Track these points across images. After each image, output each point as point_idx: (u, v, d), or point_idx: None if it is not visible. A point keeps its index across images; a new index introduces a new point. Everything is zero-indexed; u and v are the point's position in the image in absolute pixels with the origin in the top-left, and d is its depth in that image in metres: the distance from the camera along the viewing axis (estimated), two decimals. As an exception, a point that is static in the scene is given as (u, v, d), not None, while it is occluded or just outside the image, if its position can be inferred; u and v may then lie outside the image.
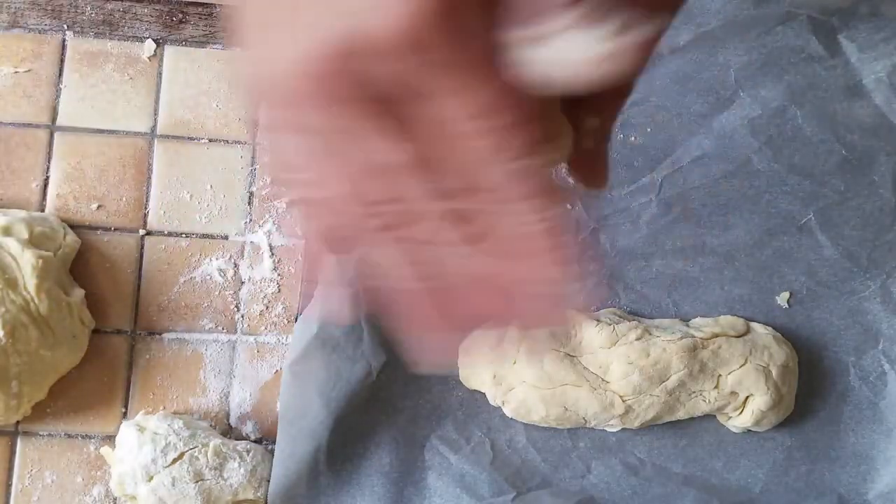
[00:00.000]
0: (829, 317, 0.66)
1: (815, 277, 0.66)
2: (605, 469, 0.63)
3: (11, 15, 0.68)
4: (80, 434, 0.63)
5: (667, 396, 0.61)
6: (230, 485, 0.60)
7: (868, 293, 0.66)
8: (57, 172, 0.66)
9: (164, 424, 0.61)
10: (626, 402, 0.61)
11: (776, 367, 0.62)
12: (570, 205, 0.63)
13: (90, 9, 0.68)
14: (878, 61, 0.66)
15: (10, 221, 0.61)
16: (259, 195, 0.67)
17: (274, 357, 0.66)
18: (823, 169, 0.67)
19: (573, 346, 0.61)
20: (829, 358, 0.66)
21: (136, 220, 0.66)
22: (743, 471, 0.64)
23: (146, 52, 0.68)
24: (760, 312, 0.65)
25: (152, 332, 0.65)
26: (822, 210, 0.67)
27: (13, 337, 0.58)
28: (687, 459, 0.64)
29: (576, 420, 0.62)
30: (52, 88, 0.67)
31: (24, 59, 0.67)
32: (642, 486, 0.63)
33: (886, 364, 0.66)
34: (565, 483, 0.62)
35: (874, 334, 0.66)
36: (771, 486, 0.64)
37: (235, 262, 0.66)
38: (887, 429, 0.65)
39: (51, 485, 0.62)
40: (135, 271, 0.65)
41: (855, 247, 0.67)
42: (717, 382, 0.61)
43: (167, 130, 0.67)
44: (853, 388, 0.66)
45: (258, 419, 0.65)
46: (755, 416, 0.62)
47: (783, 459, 0.64)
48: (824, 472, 0.64)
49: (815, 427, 0.65)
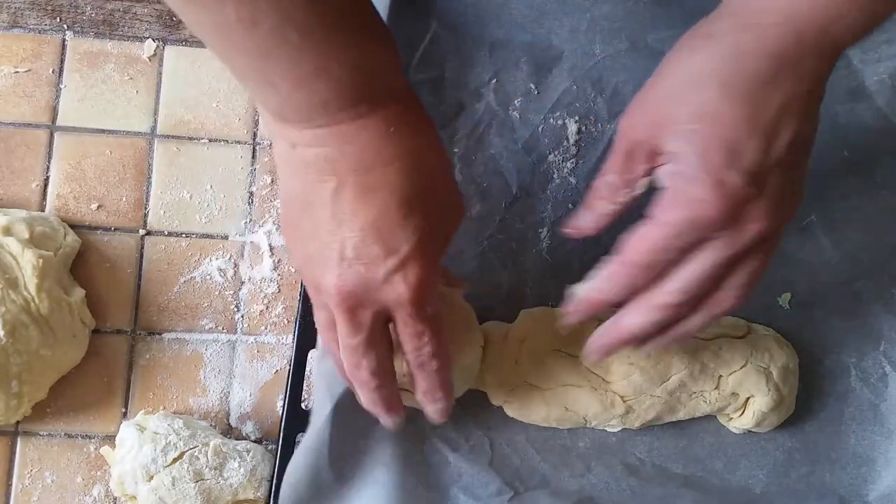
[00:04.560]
0: (830, 318, 0.66)
1: (816, 279, 0.66)
2: (604, 469, 0.63)
3: (11, 15, 0.68)
4: (80, 434, 0.63)
5: (667, 397, 0.61)
6: (230, 484, 0.60)
7: (870, 295, 0.66)
8: (57, 172, 0.66)
9: (164, 424, 0.61)
10: (627, 403, 0.61)
11: (777, 368, 0.62)
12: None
13: (90, 9, 0.68)
14: (881, 63, 0.66)
15: (10, 221, 0.61)
16: (259, 195, 0.67)
17: (274, 357, 0.66)
18: (826, 170, 0.66)
19: (575, 345, 0.61)
20: (830, 359, 0.66)
21: (136, 220, 0.66)
22: (743, 472, 0.64)
23: (146, 52, 0.68)
24: (761, 313, 0.65)
25: (152, 332, 0.65)
26: (823, 211, 0.66)
27: (13, 337, 0.58)
28: (687, 460, 0.64)
29: (576, 420, 0.62)
30: (51, 88, 0.67)
31: (24, 59, 0.67)
32: (642, 487, 0.63)
33: (887, 365, 0.65)
34: (564, 482, 0.62)
35: (875, 336, 0.66)
36: (771, 487, 0.64)
37: (235, 262, 0.66)
38: (888, 430, 0.65)
39: (51, 485, 0.62)
40: (135, 271, 0.66)
41: (856, 248, 0.66)
42: (717, 383, 0.61)
43: (167, 130, 0.68)
44: (854, 390, 0.65)
45: (258, 419, 0.65)
46: (756, 418, 0.61)
47: (784, 460, 0.64)
48: (825, 473, 0.64)
49: (815, 428, 0.65)
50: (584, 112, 0.67)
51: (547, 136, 0.66)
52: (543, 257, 0.65)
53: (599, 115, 0.67)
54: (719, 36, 0.48)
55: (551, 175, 0.66)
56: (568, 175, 0.66)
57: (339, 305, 0.48)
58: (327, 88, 0.44)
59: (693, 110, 0.47)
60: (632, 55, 0.67)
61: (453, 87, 0.66)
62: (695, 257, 0.48)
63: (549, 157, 0.66)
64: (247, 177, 0.68)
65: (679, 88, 0.48)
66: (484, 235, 0.64)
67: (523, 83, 0.66)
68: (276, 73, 0.43)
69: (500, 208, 0.65)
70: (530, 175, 0.66)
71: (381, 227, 0.46)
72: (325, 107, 0.45)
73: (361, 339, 0.49)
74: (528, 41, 0.66)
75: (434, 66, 0.66)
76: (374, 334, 0.50)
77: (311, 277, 0.50)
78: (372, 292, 0.48)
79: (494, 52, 0.66)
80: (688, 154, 0.47)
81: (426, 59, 0.65)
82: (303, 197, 0.48)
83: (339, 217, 0.47)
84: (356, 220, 0.46)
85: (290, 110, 0.45)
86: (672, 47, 0.50)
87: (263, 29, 0.41)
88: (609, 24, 0.66)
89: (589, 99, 0.67)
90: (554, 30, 0.66)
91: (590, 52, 0.67)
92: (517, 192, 0.65)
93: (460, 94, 0.66)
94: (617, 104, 0.67)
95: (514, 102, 0.66)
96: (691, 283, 0.49)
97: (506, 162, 0.66)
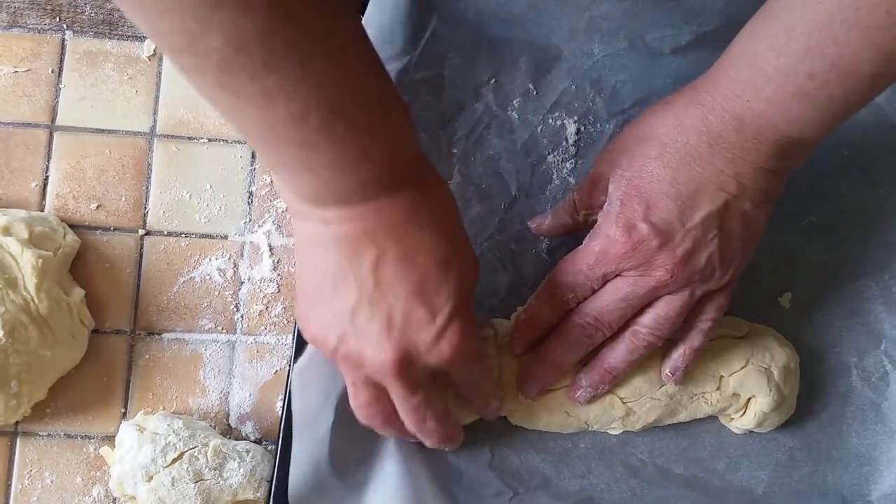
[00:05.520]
0: (830, 317, 0.66)
1: (816, 278, 0.66)
2: (605, 470, 0.63)
3: (11, 15, 0.68)
4: (79, 434, 0.63)
5: (668, 400, 0.61)
6: (230, 485, 0.60)
7: (870, 294, 0.66)
8: (56, 172, 0.66)
9: (163, 424, 0.60)
10: (627, 405, 0.61)
11: (778, 368, 0.61)
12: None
13: (90, 8, 0.68)
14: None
15: (9, 221, 0.61)
16: (259, 195, 0.67)
17: (273, 357, 0.66)
18: (825, 170, 0.66)
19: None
20: (831, 359, 0.66)
21: (135, 220, 0.66)
22: (745, 472, 0.64)
23: (146, 51, 0.68)
24: (762, 313, 0.65)
25: (152, 332, 0.65)
26: (823, 211, 0.66)
27: (13, 337, 0.58)
28: (688, 461, 0.64)
29: (578, 425, 0.61)
30: (51, 88, 0.67)
31: (24, 58, 0.67)
32: (643, 488, 0.63)
33: (889, 365, 0.65)
34: (565, 483, 0.62)
35: (876, 335, 0.66)
36: (773, 487, 0.64)
37: (235, 262, 0.66)
38: (890, 430, 0.65)
39: (50, 485, 0.62)
40: (134, 271, 0.65)
41: (857, 247, 0.66)
42: (718, 384, 0.61)
43: (167, 130, 0.67)
44: (855, 389, 0.65)
45: (258, 419, 0.64)
46: (757, 418, 0.61)
47: (785, 460, 0.64)
48: (827, 473, 0.64)
49: (817, 428, 0.65)
50: (582, 112, 0.67)
51: (546, 136, 0.66)
52: (543, 258, 0.65)
53: (598, 116, 0.67)
54: (674, 104, 0.55)
55: (550, 176, 0.66)
56: (567, 175, 0.66)
57: (393, 374, 0.50)
58: (369, 172, 0.46)
59: (631, 162, 0.55)
60: (631, 55, 0.67)
61: (452, 87, 0.66)
62: (606, 289, 0.56)
63: (549, 157, 0.66)
64: (246, 177, 0.68)
65: (632, 140, 0.56)
66: (483, 236, 0.64)
67: (522, 83, 0.66)
68: (318, 161, 0.45)
69: (500, 209, 0.65)
70: (529, 176, 0.66)
71: (426, 288, 0.49)
72: (365, 188, 0.47)
73: (421, 397, 0.52)
74: (528, 40, 0.66)
75: (433, 64, 0.65)
76: (429, 388, 0.52)
77: (351, 354, 0.50)
78: (422, 355, 0.50)
79: (494, 51, 0.66)
80: (615, 197, 0.55)
81: (425, 58, 0.65)
82: (336, 275, 0.49)
83: (384, 285, 0.48)
84: (402, 285, 0.49)
85: (328, 193, 0.47)
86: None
87: (312, 123, 0.42)
88: (608, 23, 0.66)
89: (588, 99, 0.67)
90: (553, 29, 0.66)
91: (588, 52, 0.67)
92: (516, 193, 0.65)
93: (459, 94, 0.66)
94: (616, 104, 0.67)
95: (512, 103, 0.66)
96: (602, 308, 0.56)
97: (505, 163, 0.66)
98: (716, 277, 0.56)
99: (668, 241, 0.54)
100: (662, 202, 0.54)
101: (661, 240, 0.54)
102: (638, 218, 0.54)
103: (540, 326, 0.59)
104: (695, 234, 0.54)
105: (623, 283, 0.56)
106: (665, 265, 0.54)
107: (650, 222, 0.54)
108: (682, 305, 0.56)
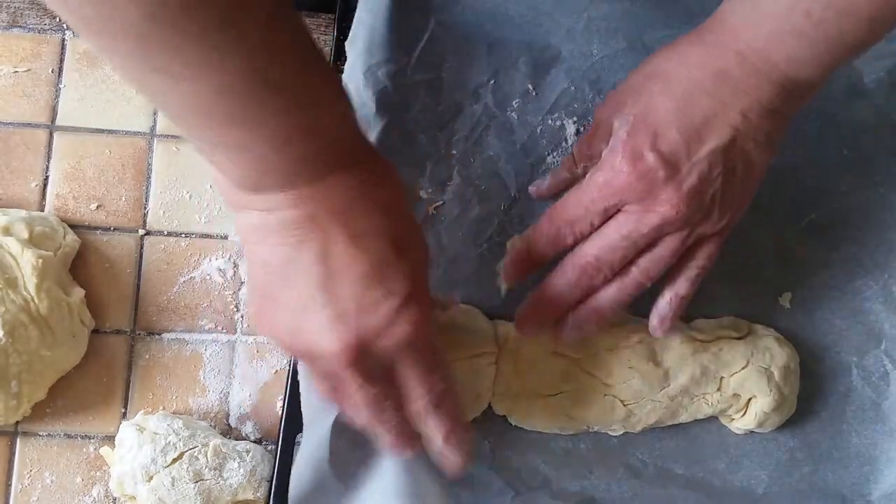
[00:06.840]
0: (831, 317, 0.66)
1: (816, 277, 0.66)
2: (606, 470, 0.63)
3: (11, 14, 0.68)
4: (79, 434, 0.63)
5: (668, 401, 0.61)
6: (230, 485, 0.60)
7: (870, 293, 0.66)
8: (56, 172, 0.66)
9: (163, 424, 0.60)
10: (628, 407, 0.61)
11: (778, 368, 0.61)
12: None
13: (90, 9, 0.68)
14: (880, 61, 0.66)
15: (9, 221, 0.61)
16: (259, 195, 0.67)
17: (273, 357, 0.65)
18: (825, 169, 0.67)
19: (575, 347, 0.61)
20: (832, 359, 0.66)
21: (135, 219, 0.66)
22: (746, 472, 0.64)
23: (146, 52, 0.68)
24: (762, 313, 0.65)
25: (152, 333, 0.65)
26: (823, 210, 0.66)
27: (13, 337, 0.58)
28: (689, 461, 0.64)
29: (579, 427, 0.61)
30: (51, 88, 0.67)
31: (24, 58, 0.67)
32: (643, 488, 0.63)
33: (889, 364, 0.65)
34: (566, 484, 0.62)
35: (876, 334, 0.66)
36: (774, 487, 0.64)
37: (235, 262, 0.66)
38: (890, 429, 0.65)
39: (50, 485, 0.62)
40: (134, 271, 0.65)
41: (857, 247, 0.66)
42: (719, 385, 0.61)
43: (167, 130, 0.68)
44: (856, 389, 0.65)
45: (258, 419, 0.64)
46: (758, 418, 0.61)
47: (786, 460, 0.64)
48: (827, 472, 0.64)
49: (817, 428, 0.65)
50: (582, 113, 0.67)
51: (545, 137, 0.66)
52: (543, 258, 0.65)
53: (598, 116, 0.67)
54: (678, 45, 0.55)
55: (550, 176, 0.66)
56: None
57: (346, 363, 0.48)
58: (308, 148, 0.45)
59: (637, 100, 0.55)
60: (629, 55, 0.67)
61: (451, 89, 0.66)
62: (609, 225, 0.55)
63: (548, 158, 0.66)
64: (246, 177, 0.68)
65: (636, 81, 0.56)
66: (483, 237, 0.64)
67: (521, 84, 0.66)
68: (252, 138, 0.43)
69: (499, 210, 0.65)
70: (529, 177, 0.66)
71: (380, 269, 0.47)
72: (306, 165, 0.45)
73: (379, 390, 0.50)
74: (526, 41, 0.66)
75: (432, 66, 0.65)
76: (388, 382, 0.50)
77: (304, 347, 0.49)
78: (375, 340, 0.48)
79: (492, 53, 0.66)
80: (621, 132, 0.54)
81: (423, 60, 0.65)
82: (283, 266, 0.47)
83: (333, 271, 0.46)
84: (354, 267, 0.47)
85: (267, 174, 0.45)
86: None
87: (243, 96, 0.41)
88: (606, 23, 0.67)
89: (587, 100, 0.67)
90: (552, 30, 0.66)
91: (587, 53, 0.67)
92: (516, 194, 0.65)
93: (458, 96, 0.66)
94: (615, 105, 0.67)
95: (511, 104, 0.66)
96: (603, 246, 0.55)
97: (504, 164, 0.65)
98: (713, 219, 0.54)
99: (675, 174, 0.52)
100: (669, 133, 0.53)
101: (667, 171, 0.52)
102: (645, 147, 0.53)
103: (534, 258, 0.57)
104: (700, 169, 0.53)
105: (625, 219, 0.54)
106: (670, 200, 0.53)
107: (658, 151, 0.52)
108: (678, 245, 0.55)
